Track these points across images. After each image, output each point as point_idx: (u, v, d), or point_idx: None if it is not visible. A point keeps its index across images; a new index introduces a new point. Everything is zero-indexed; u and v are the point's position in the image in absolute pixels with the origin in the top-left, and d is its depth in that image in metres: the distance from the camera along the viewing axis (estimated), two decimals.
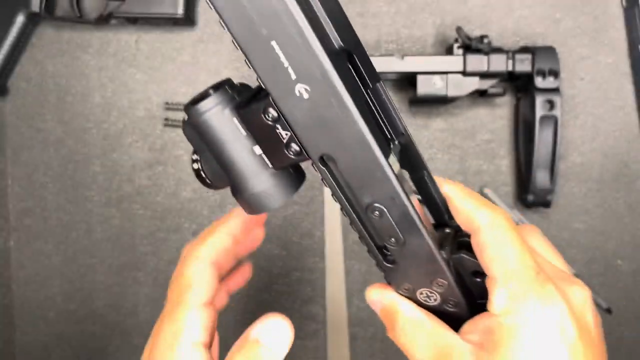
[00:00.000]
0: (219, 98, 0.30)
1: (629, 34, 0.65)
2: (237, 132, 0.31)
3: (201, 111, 0.30)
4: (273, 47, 0.26)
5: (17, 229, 0.68)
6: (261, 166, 0.31)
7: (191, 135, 0.31)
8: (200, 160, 0.33)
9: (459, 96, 0.61)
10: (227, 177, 0.32)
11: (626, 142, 0.66)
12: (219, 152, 0.31)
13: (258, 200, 0.32)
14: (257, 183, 0.32)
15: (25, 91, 0.67)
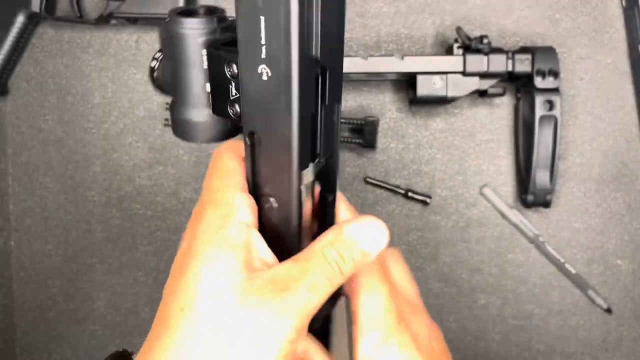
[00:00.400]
0: (202, 25, 0.32)
1: (629, 34, 0.65)
2: (200, 63, 0.32)
3: (180, 26, 0.31)
4: (260, 20, 0.27)
5: (17, 229, 0.68)
6: (204, 102, 0.33)
7: (163, 36, 0.33)
8: (160, 62, 0.34)
9: (458, 96, 0.61)
10: (173, 92, 0.34)
11: (626, 142, 0.66)
12: (177, 68, 0.32)
13: (188, 128, 0.34)
14: (194, 113, 0.33)
15: (25, 91, 0.67)
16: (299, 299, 0.29)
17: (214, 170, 0.34)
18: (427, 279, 0.67)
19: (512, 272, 0.66)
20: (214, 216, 0.31)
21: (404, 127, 0.66)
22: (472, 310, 0.66)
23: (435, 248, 0.66)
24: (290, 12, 0.26)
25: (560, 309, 0.67)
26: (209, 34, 0.32)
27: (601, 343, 0.66)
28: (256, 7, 0.27)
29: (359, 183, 0.66)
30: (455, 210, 0.66)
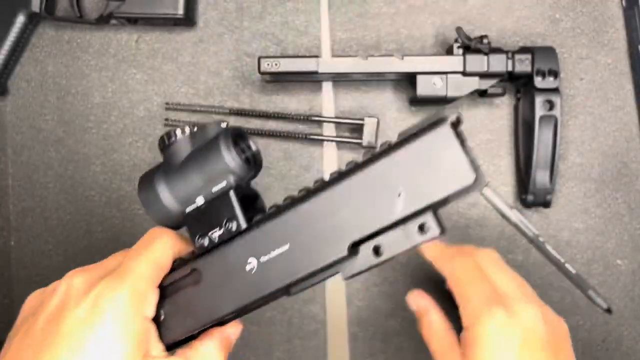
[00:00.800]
0: (243, 169, 0.39)
1: (629, 34, 0.66)
2: (213, 185, 0.39)
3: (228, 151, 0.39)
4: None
5: (17, 228, 0.68)
6: (187, 203, 0.40)
7: (205, 138, 0.40)
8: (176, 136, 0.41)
9: (458, 96, 0.62)
10: (176, 176, 0.40)
11: (626, 141, 0.66)
12: (196, 169, 0.39)
13: (154, 202, 0.41)
14: (172, 201, 0.40)
15: (25, 91, 0.68)
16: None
17: (146, 252, 0.38)
18: (427, 279, 0.67)
19: None
20: (124, 300, 0.35)
21: (404, 127, 0.66)
22: None
23: None
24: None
25: (560, 308, 0.66)
26: (242, 180, 0.39)
27: (601, 343, 0.66)
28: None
29: None
30: (455, 210, 0.66)
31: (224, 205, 0.37)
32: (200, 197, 0.39)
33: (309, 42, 0.66)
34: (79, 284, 0.37)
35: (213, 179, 0.38)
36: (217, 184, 0.38)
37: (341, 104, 0.66)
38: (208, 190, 0.38)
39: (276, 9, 0.67)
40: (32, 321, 0.37)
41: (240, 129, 0.40)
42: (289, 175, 0.67)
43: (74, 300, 0.36)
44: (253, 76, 0.67)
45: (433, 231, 0.32)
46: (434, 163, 0.31)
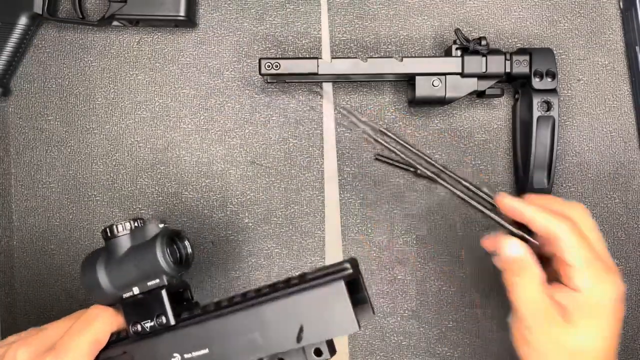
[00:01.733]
0: (173, 271, 0.46)
1: (626, 35, 0.66)
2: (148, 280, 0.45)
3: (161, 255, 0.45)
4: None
5: (20, 228, 0.68)
6: (121, 288, 0.45)
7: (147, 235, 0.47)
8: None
9: (457, 97, 0.62)
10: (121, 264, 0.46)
11: (623, 142, 0.67)
12: (138, 261, 0.45)
13: (95, 283, 0.46)
14: (109, 288, 0.45)
15: (28, 92, 0.68)
16: None
17: (86, 330, 0.42)
18: (426, 278, 0.67)
19: None
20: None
21: (403, 127, 0.67)
22: (470, 309, 0.67)
23: (434, 247, 0.67)
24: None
25: None
26: (173, 278, 0.45)
27: None
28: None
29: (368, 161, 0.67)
30: (454, 209, 0.67)
31: (156, 300, 0.43)
32: (136, 288, 0.44)
33: (309, 43, 0.67)
34: (22, 358, 0.41)
35: (147, 276, 0.44)
36: (151, 280, 0.44)
37: (341, 104, 0.67)
38: (143, 283, 0.44)
39: (276, 10, 0.67)
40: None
41: (177, 232, 0.46)
42: (289, 175, 0.67)
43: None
44: (254, 77, 0.67)
45: (325, 355, 0.40)
46: (329, 309, 0.39)
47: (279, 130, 0.67)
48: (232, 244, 0.67)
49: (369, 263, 0.67)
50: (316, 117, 0.67)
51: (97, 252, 0.47)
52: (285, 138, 0.67)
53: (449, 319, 0.67)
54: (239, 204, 0.67)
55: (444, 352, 0.67)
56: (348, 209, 0.67)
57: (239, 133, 0.67)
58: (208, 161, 0.68)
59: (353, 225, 0.67)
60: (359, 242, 0.67)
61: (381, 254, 0.67)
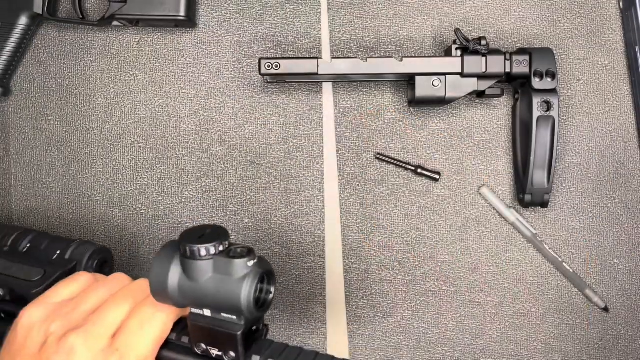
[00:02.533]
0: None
1: (626, 35, 0.66)
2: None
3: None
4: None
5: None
6: (190, 304, 0.40)
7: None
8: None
9: (457, 97, 0.62)
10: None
11: (623, 142, 0.67)
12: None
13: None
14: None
15: (28, 92, 0.68)
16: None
17: (148, 330, 0.39)
18: (426, 278, 0.67)
19: (509, 271, 0.67)
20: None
21: (403, 127, 0.67)
22: (470, 309, 0.67)
23: (434, 247, 0.67)
24: None
25: (558, 307, 0.67)
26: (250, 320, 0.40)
27: (598, 342, 0.67)
28: None
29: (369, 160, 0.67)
30: (453, 209, 0.67)
31: (227, 337, 0.39)
32: (207, 311, 0.39)
33: (309, 43, 0.67)
34: (82, 354, 0.38)
35: (224, 309, 0.39)
36: (227, 313, 0.39)
37: (341, 104, 0.67)
38: (217, 313, 0.39)
39: (276, 10, 0.67)
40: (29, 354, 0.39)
41: (270, 272, 0.40)
42: (289, 175, 0.67)
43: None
44: (254, 77, 0.67)
45: None
46: None
47: (279, 130, 0.67)
48: None
49: (369, 263, 0.67)
50: (316, 117, 0.67)
51: (171, 255, 0.40)
52: (285, 138, 0.67)
53: (448, 319, 0.67)
54: (239, 204, 0.67)
55: (444, 352, 0.67)
56: (348, 209, 0.67)
57: (239, 133, 0.67)
58: (208, 161, 0.68)
59: (353, 225, 0.67)
60: (359, 242, 0.67)
61: (381, 254, 0.67)
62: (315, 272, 0.67)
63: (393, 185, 0.67)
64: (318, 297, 0.67)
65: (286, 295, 0.68)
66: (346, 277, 0.67)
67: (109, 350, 0.39)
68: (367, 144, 0.67)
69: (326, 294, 0.67)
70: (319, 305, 0.67)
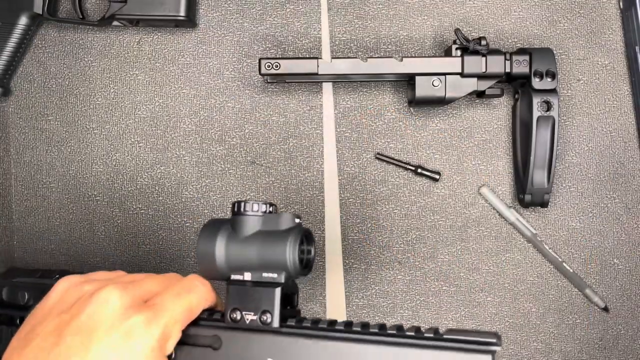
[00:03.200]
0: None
1: (626, 35, 0.66)
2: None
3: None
4: None
5: (20, 228, 0.68)
6: (231, 270, 0.42)
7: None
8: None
9: (457, 97, 0.62)
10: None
11: (623, 142, 0.67)
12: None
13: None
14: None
15: (28, 92, 0.68)
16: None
17: (184, 297, 0.40)
18: (426, 278, 0.67)
19: (509, 271, 0.67)
20: (154, 338, 0.37)
21: (403, 127, 0.67)
22: (470, 309, 0.67)
23: (434, 247, 0.67)
24: None
25: (558, 307, 0.67)
26: (290, 279, 0.42)
27: (598, 342, 0.67)
28: None
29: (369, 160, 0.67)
30: (453, 209, 0.67)
31: (266, 295, 0.40)
32: (248, 274, 0.41)
33: (309, 43, 0.67)
34: (116, 302, 0.38)
35: (267, 267, 0.40)
36: (268, 272, 0.40)
37: (341, 104, 0.67)
38: (258, 273, 0.41)
39: (276, 10, 0.67)
40: (64, 320, 0.38)
41: (309, 232, 0.42)
42: (289, 175, 0.67)
43: (108, 323, 0.37)
44: (254, 77, 0.67)
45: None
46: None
47: (279, 130, 0.67)
48: None
49: (369, 263, 0.67)
50: (316, 117, 0.67)
51: (220, 222, 0.43)
52: (285, 138, 0.67)
53: (449, 318, 0.67)
54: None
55: None
56: (348, 209, 0.67)
57: (239, 133, 0.67)
58: (208, 161, 0.68)
59: (353, 225, 0.67)
60: (359, 242, 0.67)
61: (381, 254, 0.67)
62: (315, 271, 0.67)
63: (393, 185, 0.67)
64: (318, 297, 0.67)
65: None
66: (346, 277, 0.67)
67: (143, 305, 0.39)
68: (367, 144, 0.67)
69: (326, 293, 0.67)
70: (319, 305, 0.67)
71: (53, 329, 0.38)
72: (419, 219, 0.67)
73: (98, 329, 0.37)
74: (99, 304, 0.38)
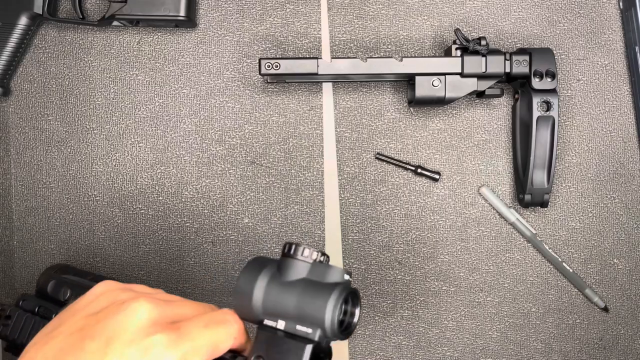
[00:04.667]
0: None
1: (625, 35, 0.66)
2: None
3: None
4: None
5: (20, 228, 0.68)
6: (266, 315, 0.39)
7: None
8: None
9: (457, 97, 0.62)
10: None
11: (622, 142, 0.67)
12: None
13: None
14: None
15: (28, 92, 0.68)
16: None
17: (212, 330, 0.38)
18: (426, 278, 0.67)
19: (509, 271, 0.67)
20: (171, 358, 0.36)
21: (403, 127, 0.67)
22: (470, 309, 0.67)
23: (434, 247, 0.67)
24: None
25: (558, 307, 0.67)
26: (325, 339, 0.39)
27: (598, 341, 0.67)
28: None
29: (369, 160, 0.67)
30: (453, 209, 0.67)
31: (295, 349, 0.37)
32: (282, 322, 0.38)
33: (309, 43, 0.67)
34: (144, 315, 0.38)
35: (303, 319, 0.38)
36: (303, 326, 0.38)
37: (341, 104, 0.67)
38: (293, 324, 0.38)
39: (276, 10, 0.67)
40: (90, 323, 0.38)
41: (357, 293, 0.40)
42: (289, 175, 0.67)
43: (129, 335, 0.37)
44: (254, 77, 0.67)
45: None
46: None
47: (279, 130, 0.67)
48: (232, 244, 0.68)
49: (369, 263, 0.67)
50: (316, 117, 0.67)
51: (267, 261, 0.41)
52: (285, 138, 0.67)
53: (448, 318, 0.67)
54: (239, 204, 0.67)
55: (444, 352, 0.67)
56: (348, 209, 0.67)
57: (238, 133, 0.67)
58: (208, 161, 0.68)
59: (353, 225, 0.67)
60: (359, 242, 0.67)
61: (381, 254, 0.67)
62: None
63: (393, 185, 0.67)
64: None
65: None
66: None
67: (169, 325, 0.38)
68: (367, 144, 0.67)
69: None
70: None
71: (76, 330, 0.38)
72: (419, 219, 0.67)
73: (119, 338, 0.36)
74: (127, 314, 0.37)
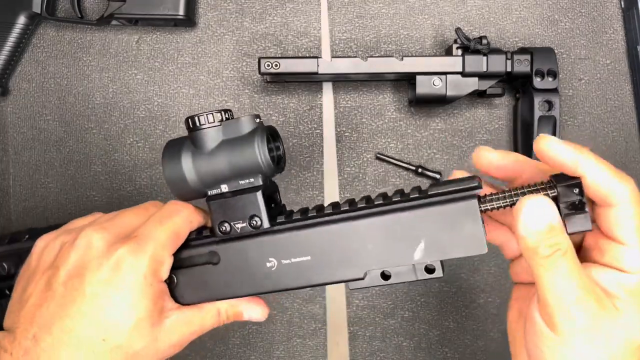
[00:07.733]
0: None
1: (627, 35, 0.66)
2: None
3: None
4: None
5: (19, 228, 0.68)
6: (206, 187, 0.41)
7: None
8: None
9: (458, 96, 0.62)
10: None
11: (624, 142, 0.66)
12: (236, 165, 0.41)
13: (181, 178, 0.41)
14: (197, 182, 0.41)
15: (26, 91, 0.68)
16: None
17: (167, 222, 0.40)
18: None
19: None
20: (144, 265, 0.38)
21: (404, 127, 0.67)
22: (471, 309, 0.67)
23: None
24: None
25: None
26: (268, 179, 0.42)
27: None
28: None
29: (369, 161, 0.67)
30: None
31: (249, 201, 0.40)
32: (225, 186, 0.40)
33: (309, 42, 0.67)
34: (99, 243, 0.39)
35: (241, 174, 0.40)
36: (244, 179, 0.40)
37: (341, 104, 0.67)
38: (235, 182, 0.40)
39: (276, 9, 0.67)
40: (52, 273, 0.39)
41: (273, 128, 0.42)
42: (289, 175, 0.67)
43: (95, 260, 0.38)
44: (253, 77, 0.67)
45: (438, 273, 0.38)
46: (457, 227, 0.37)
47: (279, 130, 0.67)
48: None
49: None
50: (316, 117, 0.67)
51: (180, 141, 0.42)
52: (285, 138, 0.67)
53: (449, 319, 0.67)
54: None
55: (445, 353, 0.67)
56: None
57: None
58: None
59: None
60: None
61: None
62: None
63: (393, 185, 0.67)
64: (318, 297, 0.67)
65: (286, 296, 0.67)
66: None
67: (126, 238, 0.39)
68: (367, 143, 0.67)
69: (326, 295, 0.67)
70: (318, 306, 0.67)
71: (44, 286, 0.38)
72: None
73: (87, 270, 0.37)
74: (82, 250, 0.38)
